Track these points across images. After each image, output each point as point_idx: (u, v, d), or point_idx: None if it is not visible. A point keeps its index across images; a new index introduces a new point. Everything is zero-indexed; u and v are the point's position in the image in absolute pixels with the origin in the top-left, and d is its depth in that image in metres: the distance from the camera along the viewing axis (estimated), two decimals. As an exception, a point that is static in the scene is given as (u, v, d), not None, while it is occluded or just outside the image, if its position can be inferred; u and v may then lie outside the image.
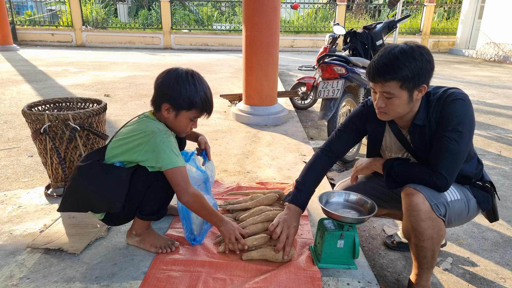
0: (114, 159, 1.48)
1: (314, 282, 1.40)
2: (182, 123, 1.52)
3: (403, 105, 1.36)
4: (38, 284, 1.39)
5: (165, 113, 1.48)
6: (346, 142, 1.67)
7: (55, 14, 15.46)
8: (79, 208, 1.51)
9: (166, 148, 1.40)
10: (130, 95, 5.20)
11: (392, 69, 1.29)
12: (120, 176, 1.43)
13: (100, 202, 1.44)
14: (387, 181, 1.49)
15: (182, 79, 1.46)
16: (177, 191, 1.44)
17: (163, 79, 1.47)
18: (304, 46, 13.58)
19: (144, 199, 1.50)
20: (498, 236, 2.07)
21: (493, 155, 3.38)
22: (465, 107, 1.34)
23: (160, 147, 1.39)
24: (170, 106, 1.46)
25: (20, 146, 3.07)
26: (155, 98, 1.50)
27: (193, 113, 1.50)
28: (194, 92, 1.46)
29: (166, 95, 1.45)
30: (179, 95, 1.44)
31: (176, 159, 1.41)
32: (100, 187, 1.43)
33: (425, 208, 1.33)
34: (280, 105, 4.03)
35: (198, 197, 1.47)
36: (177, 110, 1.48)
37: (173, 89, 1.44)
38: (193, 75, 1.49)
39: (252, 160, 2.79)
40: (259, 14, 3.50)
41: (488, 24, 11.90)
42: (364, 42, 3.72)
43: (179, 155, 1.45)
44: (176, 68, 1.50)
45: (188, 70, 1.50)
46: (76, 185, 1.47)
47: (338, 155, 1.67)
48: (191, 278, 1.42)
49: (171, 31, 13.24)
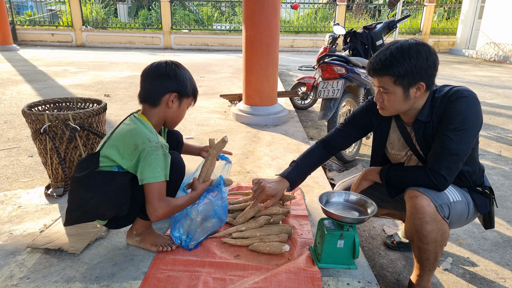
0: (110, 163, 1.45)
1: (314, 282, 1.40)
2: (183, 111, 1.55)
3: (399, 101, 1.36)
4: (38, 284, 1.39)
5: (170, 104, 1.47)
6: (347, 137, 1.69)
7: (55, 14, 15.47)
8: (87, 219, 1.49)
9: (152, 162, 1.37)
10: (130, 95, 5.20)
11: (385, 65, 1.32)
12: (123, 180, 1.42)
13: (108, 210, 1.43)
14: (388, 190, 1.48)
15: (181, 67, 1.50)
16: (148, 208, 1.41)
17: (165, 70, 1.46)
18: (304, 46, 13.58)
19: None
20: (498, 236, 2.07)
21: (493, 155, 3.38)
22: (469, 104, 1.31)
23: (147, 159, 1.36)
24: (177, 94, 1.47)
25: (20, 146, 3.07)
26: (153, 92, 1.45)
27: (190, 100, 1.55)
28: (191, 78, 1.53)
29: (174, 84, 1.45)
30: (186, 81, 1.48)
31: (158, 174, 1.38)
32: (105, 195, 1.40)
33: (431, 211, 1.31)
34: (280, 105, 4.03)
35: (168, 212, 1.44)
36: (181, 98, 1.49)
37: (181, 77, 1.47)
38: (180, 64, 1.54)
39: (252, 160, 2.79)
40: (259, 14, 3.50)
41: (488, 24, 11.90)
42: (364, 42, 3.72)
43: (165, 168, 1.41)
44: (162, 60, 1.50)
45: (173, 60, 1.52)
46: (80, 198, 1.43)
47: (338, 148, 1.70)
48: (191, 278, 1.42)
49: (171, 31, 13.24)
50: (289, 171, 1.65)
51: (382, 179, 1.49)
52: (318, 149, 1.71)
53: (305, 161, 1.68)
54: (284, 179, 1.63)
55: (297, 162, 1.67)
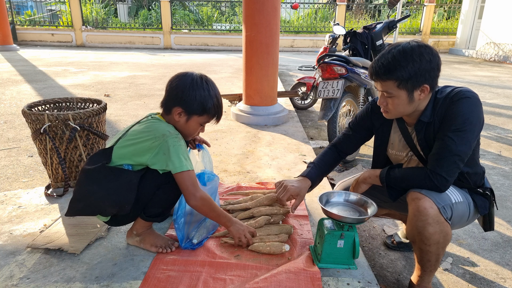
0: (122, 161, 1.46)
1: (314, 282, 1.40)
2: (192, 127, 1.53)
3: (403, 104, 1.36)
4: (38, 284, 1.39)
5: (176, 117, 1.49)
6: (354, 141, 1.73)
7: (55, 14, 15.47)
8: (89, 212, 1.49)
9: (177, 152, 1.40)
10: (130, 95, 5.20)
11: (388, 69, 1.31)
12: (130, 179, 1.42)
13: (110, 206, 1.43)
14: (389, 193, 1.48)
15: (197, 84, 1.47)
16: (186, 195, 1.45)
17: (178, 83, 1.48)
18: (304, 46, 13.58)
19: (151, 201, 1.50)
20: (498, 236, 2.07)
21: (493, 155, 3.38)
22: (471, 105, 1.31)
23: (171, 150, 1.39)
24: (183, 110, 1.47)
25: (20, 146, 3.07)
26: (167, 101, 1.50)
27: (204, 118, 1.53)
28: (208, 97, 1.48)
29: (180, 99, 1.46)
30: (193, 100, 1.46)
31: (185, 163, 1.41)
32: (110, 191, 1.41)
33: (433, 213, 1.31)
34: (280, 105, 4.03)
35: (206, 200, 1.48)
36: (189, 115, 1.49)
37: (188, 94, 1.45)
38: (207, 81, 1.51)
39: (252, 160, 2.79)
40: (259, 14, 3.50)
41: (488, 24, 11.90)
42: (364, 42, 3.72)
43: (189, 159, 1.45)
44: (190, 72, 1.51)
45: (202, 75, 1.51)
46: (85, 190, 1.44)
47: (347, 153, 1.75)
48: (191, 278, 1.42)
49: (171, 31, 13.24)
50: (308, 171, 1.68)
51: (383, 183, 1.49)
52: (331, 151, 1.75)
53: (321, 162, 1.72)
54: (306, 178, 1.65)
55: (315, 163, 1.71)
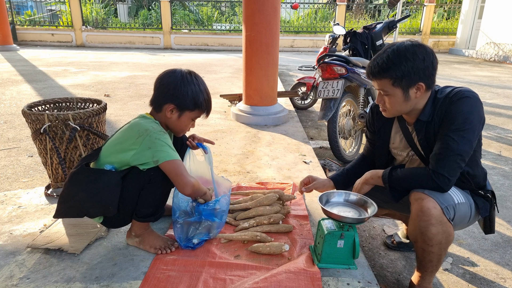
0: (107, 160, 1.47)
1: (314, 282, 1.40)
2: (183, 123, 1.54)
3: (400, 102, 1.38)
4: (38, 284, 1.39)
5: (168, 114, 1.49)
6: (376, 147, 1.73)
7: (55, 14, 15.47)
8: (74, 214, 1.50)
9: (163, 144, 1.40)
10: (130, 95, 5.20)
11: (383, 68, 1.35)
12: (109, 180, 1.41)
13: (92, 207, 1.43)
14: (392, 194, 1.48)
15: (187, 80, 1.48)
16: (179, 181, 1.42)
17: (168, 80, 1.48)
18: (304, 46, 13.58)
19: (138, 201, 1.49)
20: (498, 236, 2.07)
21: (493, 155, 3.38)
22: (471, 105, 1.32)
23: (157, 143, 1.39)
24: (175, 106, 1.48)
25: (20, 146, 3.07)
26: (157, 98, 1.50)
27: (196, 113, 1.54)
28: (199, 92, 1.50)
29: (172, 96, 1.46)
30: (185, 96, 1.47)
31: (173, 153, 1.41)
32: (90, 192, 1.41)
33: (437, 213, 1.31)
34: (280, 105, 4.03)
35: (197, 185, 1.49)
36: (181, 111, 1.49)
37: (180, 90, 1.46)
38: (196, 76, 1.53)
39: (252, 160, 2.79)
40: (259, 14, 3.50)
41: (488, 24, 11.90)
42: (364, 42, 3.72)
43: (175, 151, 1.45)
44: (178, 69, 1.51)
45: (189, 71, 1.53)
46: (67, 192, 1.45)
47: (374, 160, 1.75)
48: (191, 278, 1.42)
49: (171, 31, 13.24)
50: (337, 174, 1.79)
51: (385, 184, 1.48)
52: (363, 160, 1.79)
53: (351, 169, 1.77)
54: (330, 180, 1.76)
55: (345, 169, 1.79)
